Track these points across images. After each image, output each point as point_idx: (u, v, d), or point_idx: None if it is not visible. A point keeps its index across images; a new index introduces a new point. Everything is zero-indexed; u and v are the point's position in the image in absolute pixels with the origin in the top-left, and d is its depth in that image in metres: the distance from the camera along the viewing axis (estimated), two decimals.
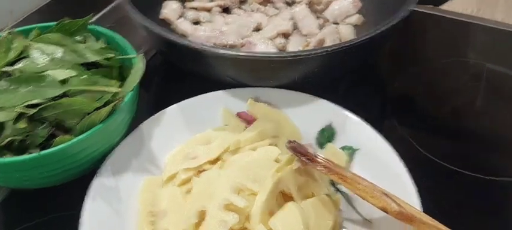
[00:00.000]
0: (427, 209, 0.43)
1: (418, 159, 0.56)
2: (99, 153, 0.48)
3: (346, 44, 0.51)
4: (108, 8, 0.80)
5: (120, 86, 0.51)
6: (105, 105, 0.46)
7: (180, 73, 0.67)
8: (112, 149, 0.50)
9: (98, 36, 0.57)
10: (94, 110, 0.45)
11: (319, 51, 0.51)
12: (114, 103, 0.46)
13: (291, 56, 0.51)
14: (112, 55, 0.53)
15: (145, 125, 0.53)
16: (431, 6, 0.74)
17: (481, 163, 0.56)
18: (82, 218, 0.44)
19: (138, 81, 0.49)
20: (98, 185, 0.47)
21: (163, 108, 0.55)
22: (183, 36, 0.71)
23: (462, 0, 0.75)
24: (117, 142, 0.50)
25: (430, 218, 0.42)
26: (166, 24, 0.73)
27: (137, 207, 0.48)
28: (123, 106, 0.47)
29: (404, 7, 0.58)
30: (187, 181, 0.49)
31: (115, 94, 0.47)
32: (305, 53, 0.51)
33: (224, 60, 0.52)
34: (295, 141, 0.47)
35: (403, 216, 0.42)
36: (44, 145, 0.45)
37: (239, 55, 0.51)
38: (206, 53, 0.52)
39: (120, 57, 0.53)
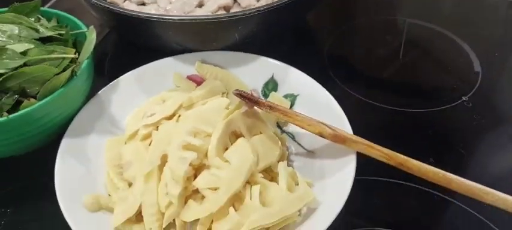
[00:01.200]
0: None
1: (351, 101, 0.64)
2: (63, 117, 0.52)
3: (278, 3, 0.58)
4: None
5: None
6: (64, 70, 0.50)
7: (133, 48, 0.71)
8: (74, 114, 0.54)
9: (49, 17, 0.61)
10: (54, 76, 0.49)
11: (253, 11, 0.57)
12: (72, 67, 0.50)
13: (227, 17, 0.57)
14: (64, 31, 0.56)
15: (103, 92, 0.57)
16: None
17: (405, 101, 0.64)
18: (56, 177, 0.48)
19: (92, 49, 0.54)
20: (66, 145, 0.51)
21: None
22: None
23: None
24: (78, 108, 0.54)
25: (360, 137, 0.49)
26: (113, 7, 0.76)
27: (104, 164, 0.52)
28: (82, 71, 0.52)
29: None
30: (147, 136, 0.54)
31: (73, 60, 0.51)
32: (240, 14, 0.57)
33: (168, 26, 0.57)
34: (240, 90, 0.53)
35: (337, 138, 0.49)
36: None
37: (180, 19, 0.56)
38: (151, 20, 0.57)
39: (73, 32, 0.57)
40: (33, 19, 0.58)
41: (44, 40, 0.55)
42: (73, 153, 0.51)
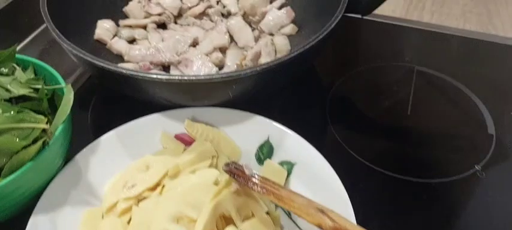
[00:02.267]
0: (362, 214, 0.46)
1: (353, 165, 0.59)
2: (34, 189, 0.47)
3: (275, 62, 0.52)
4: (38, 30, 0.77)
5: (52, 117, 0.50)
6: (35, 141, 0.45)
7: (117, 94, 0.66)
8: (48, 183, 0.48)
9: (26, 65, 0.55)
10: (22, 149, 0.44)
11: (248, 71, 0.51)
12: (43, 139, 0.45)
13: (219, 78, 0.51)
14: (39, 86, 0.51)
15: (81, 155, 0.52)
16: None
17: (410, 167, 0.59)
18: None
19: (68, 112, 0.48)
20: (34, 224, 0.46)
21: (103, 132, 0.54)
22: (119, 56, 0.70)
23: (390, 3, 0.78)
24: (53, 175, 0.49)
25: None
26: (101, 44, 0.71)
27: None
28: (54, 141, 0.46)
29: (332, 19, 0.59)
30: (127, 210, 0.49)
31: (44, 129, 0.46)
32: (235, 74, 0.51)
33: (154, 84, 0.52)
34: (232, 163, 0.48)
35: None
36: None
37: (168, 79, 0.51)
38: (135, 77, 0.51)
39: (49, 87, 0.52)
40: (7, 69, 0.53)
41: (17, 97, 0.49)
42: None
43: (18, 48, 0.71)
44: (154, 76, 0.51)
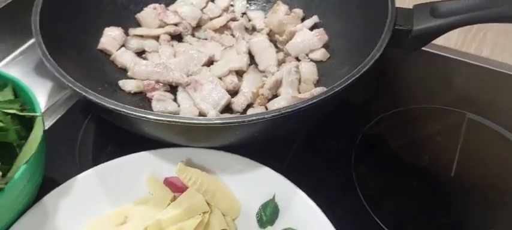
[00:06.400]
0: None
1: None
2: None
3: (288, 110, 0.43)
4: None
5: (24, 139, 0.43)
6: None
7: None
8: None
9: (5, 83, 0.49)
10: None
11: (254, 118, 0.42)
12: None
13: (218, 123, 0.42)
14: (11, 112, 0.44)
15: (49, 198, 0.44)
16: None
17: None
18: None
19: (34, 151, 0.41)
20: None
21: (91, 163, 0.47)
22: (123, 70, 0.62)
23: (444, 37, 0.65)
24: (12, 221, 0.42)
25: None
26: (105, 55, 0.64)
27: None
28: (11, 186, 0.39)
29: (368, 58, 0.49)
30: None
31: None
32: (236, 121, 0.42)
33: (142, 122, 0.43)
34: None
35: None
36: None
37: (156, 119, 0.42)
38: (124, 114, 0.43)
39: (22, 113, 0.45)
40: None
41: None
42: None
43: (10, 58, 0.66)
44: (141, 115, 0.43)
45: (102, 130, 0.60)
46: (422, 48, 0.68)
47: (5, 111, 0.45)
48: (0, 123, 0.43)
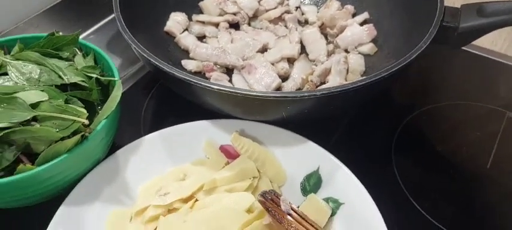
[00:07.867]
0: None
1: (413, 219, 0.51)
2: (68, 180, 0.47)
3: (337, 89, 0.47)
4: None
5: (100, 107, 0.50)
6: (75, 133, 0.44)
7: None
8: (85, 174, 0.48)
9: (87, 51, 0.56)
10: (60, 139, 0.43)
11: (306, 94, 0.47)
12: (82, 133, 0.44)
13: (273, 97, 0.47)
14: (93, 75, 0.51)
15: (121, 152, 0.51)
16: None
17: None
18: None
19: (113, 108, 0.47)
20: (63, 214, 0.45)
21: (154, 129, 0.53)
22: (185, 51, 0.69)
23: (490, 36, 0.67)
24: (90, 169, 0.48)
25: None
26: (170, 37, 0.70)
27: None
28: (93, 136, 0.45)
29: (414, 49, 0.52)
30: (155, 218, 0.47)
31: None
32: (290, 96, 0.47)
33: (204, 91, 0.49)
34: (270, 192, 0.44)
35: None
36: (10, 168, 0.44)
37: (219, 88, 0.47)
38: (186, 82, 0.49)
39: (102, 78, 0.51)
40: (68, 53, 0.53)
41: (67, 86, 0.49)
42: (68, 224, 0.45)
43: (90, 31, 0.74)
44: (205, 84, 0.48)
45: (163, 104, 0.67)
46: (469, 50, 0.72)
47: (89, 74, 0.51)
48: (84, 83, 0.50)
